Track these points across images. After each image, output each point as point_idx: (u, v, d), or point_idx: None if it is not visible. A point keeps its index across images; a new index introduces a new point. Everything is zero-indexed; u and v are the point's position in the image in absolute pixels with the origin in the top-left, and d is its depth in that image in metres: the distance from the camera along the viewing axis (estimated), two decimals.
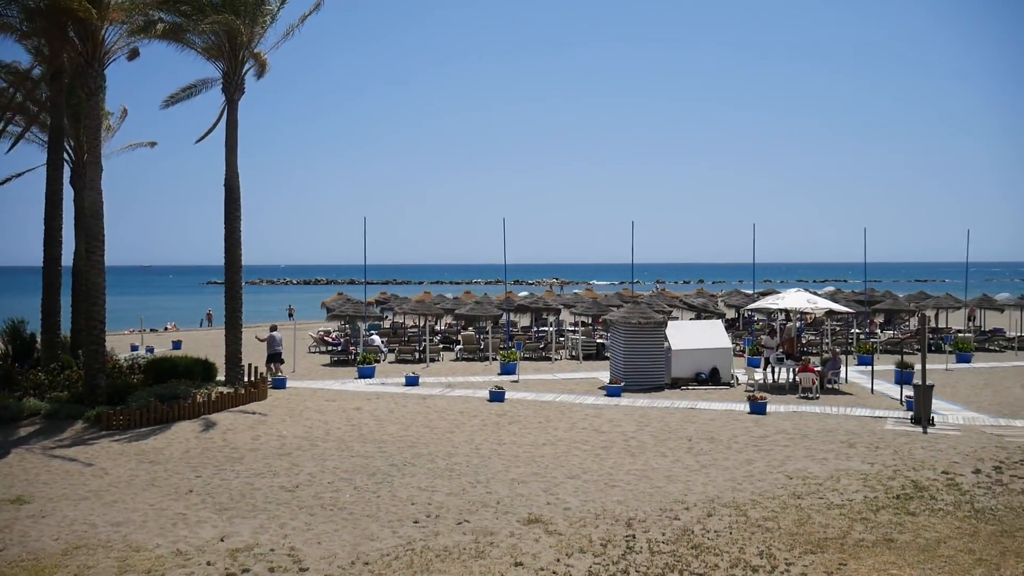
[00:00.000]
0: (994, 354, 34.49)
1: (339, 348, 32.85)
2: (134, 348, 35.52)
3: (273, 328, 27.36)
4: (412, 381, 24.99)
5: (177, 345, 38.04)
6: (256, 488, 13.40)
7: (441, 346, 33.91)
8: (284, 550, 10.40)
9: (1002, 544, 10.44)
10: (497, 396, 21.93)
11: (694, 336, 25.92)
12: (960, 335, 36.62)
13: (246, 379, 23.12)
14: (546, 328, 38.72)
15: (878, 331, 40.24)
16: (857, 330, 37.50)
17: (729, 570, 9.62)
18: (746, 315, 41.54)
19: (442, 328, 41.06)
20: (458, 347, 33.13)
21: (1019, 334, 37.23)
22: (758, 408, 20.23)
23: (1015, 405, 21.40)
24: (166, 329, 52.37)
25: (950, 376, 26.93)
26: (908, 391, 20.67)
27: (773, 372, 25.97)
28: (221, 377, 23.02)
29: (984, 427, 18.45)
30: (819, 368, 24.49)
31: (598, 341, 33.15)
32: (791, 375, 24.79)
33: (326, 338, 35.74)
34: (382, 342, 33.40)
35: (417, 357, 32.06)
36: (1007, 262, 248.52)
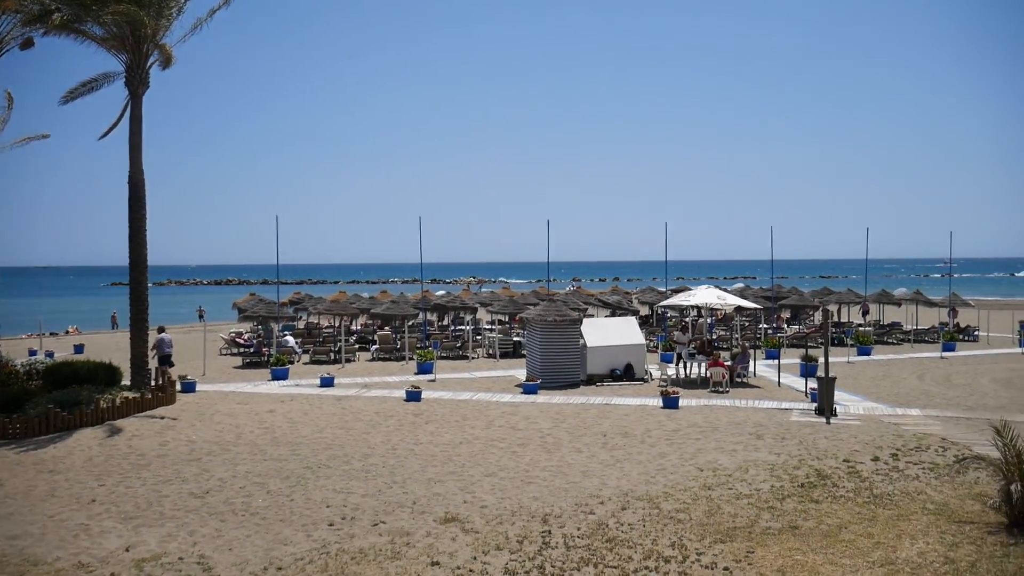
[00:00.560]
0: (892, 346, 36.10)
1: (251, 350, 32.12)
2: (32, 353, 33.98)
3: (161, 330, 25.78)
4: (327, 382, 24.64)
5: (79, 349, 36.54)
6: (164, 495, 12.99)
7: (357, 346, 33.58)
8: (193, 558, 10.12)
9: (898, 527, 10.94)
10: (414, 396, 21.83)
11: (609, 333, 26.32)
12: (861, 329, 38.18)
13: (153, 383, 22.36)
14: (463, 327, 38.73)
15: (785, 326, 41.59)
16: (765, 325, 38.70)
17: (642, 562, 9.81)
18: (659, 312, 42.37)
19: (358, 328, 40.63)
20: (374, 347, 32.82)
21: (915, 327, 39.04)
22: (671, 403, 20.67)
23: (911, 395, 22.44)
24: (67, 332, 50.24)
25: (852, 368, 28.04)
26: (812, 383, 21.45)
27: (685, 367, 26.57)
28: (127, 381, 22.22)
29: (883, 416, 19.29)
30: (729, 363, 25.17)
31: (515, 339, 33.31)
32: (702, 370, 25.41)
33: (238, 340, 34.90)
34: (296, 343, 32.82)
35: (332, 358, 31.63)
36: (905, 259, 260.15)
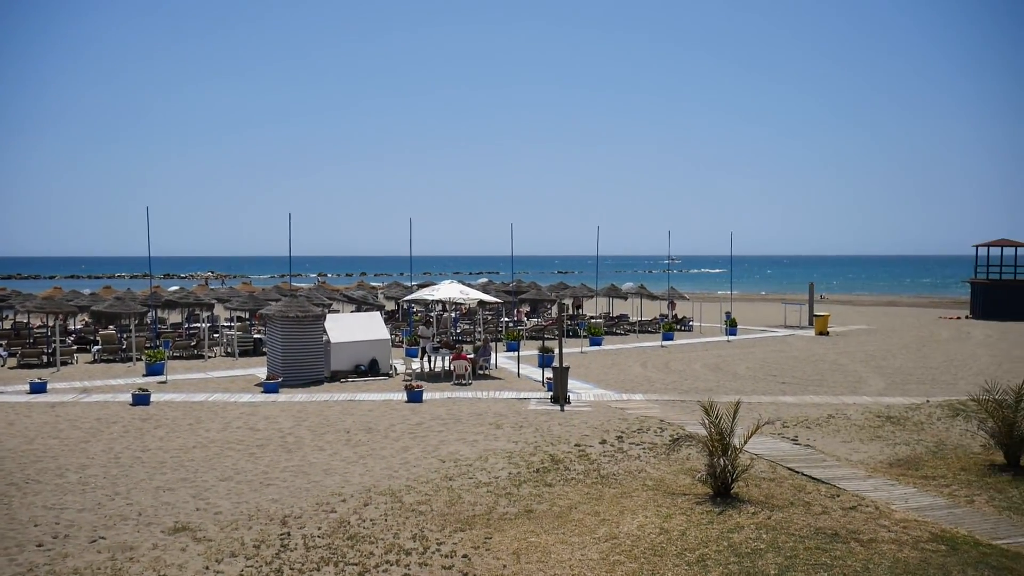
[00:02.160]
0: (620, 337, 38.96)
1: None
2: None
3: None
4: (38, 388, 22.19)
5: None
6: None
7: (76, 347, 30.57)
8: None
9: (621, 504, 11.82)
10: (141, 399, 20.27)
11: (353, 328, 26.06)
12: (593, 321, 40.78)
13: None
14: (199, 325, 36.57)
15: (525, 319, 43.46)
16: (506, 319, 40.17)
17: (384, 556, 9.81)
18: (405, 306, 42.61)
19: (77, 328, 37.02)
20: (96, 348, 30.06)
21: (639, 319, 42.36)
22: (415, 396, 20.86)
23: (635, 381, 24.34)
24: None
25: (584, 358, 29.88)
26: (549, 373, 22.58)
27: (430, 361, 26.94)
28: None
29: (611, 402, 20.74)
30: (472, 356, 25.85)
31: (255, 336, 32.01)
32: (446, 363, 25.89)
33: None
34: (1, 345, 29.27)
35: (45, 360, 28.56)
36: (635, 255, 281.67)
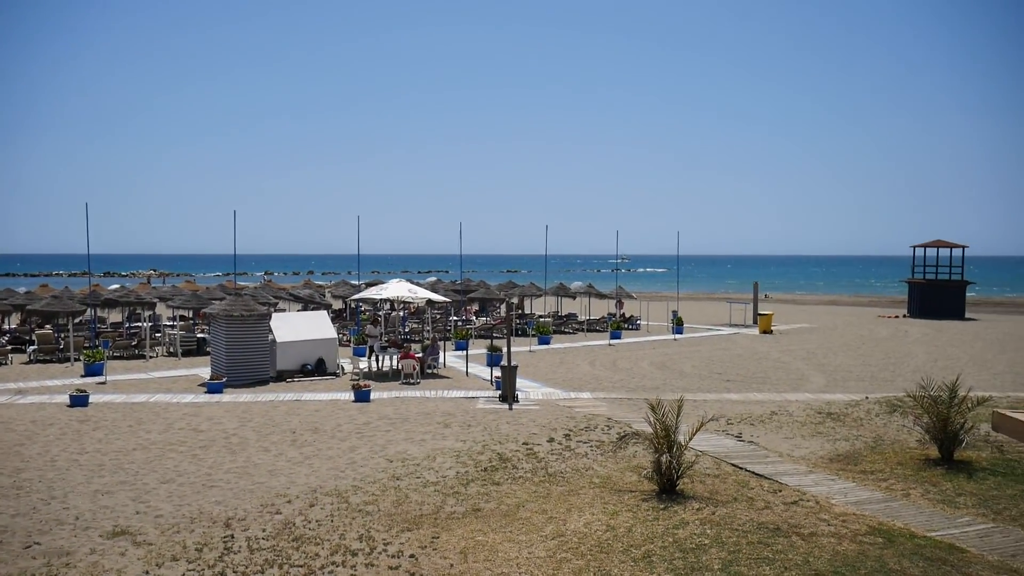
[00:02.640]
0: (569, 335, 39.16)
1: None
2: None
3: None
4: None
5: None
6: None
7: (10, 348, 29.66)
8: None
9: (569, 502, 11.88)
10: (80, 400, 19.75)
11: (300, 327, 25.75)
12: (541, 320, 40.93)
13: None
14: (140, 324, 35.77)
15: (473, 318, 43.42)
16: (455, 318, 40.08)
17: (329, 557, 9.71)
18: (352, 305, 42.25)
19: (11, 327, 35.92)
20: (32, 348, 29.22)
21: (588, 317, 42.63)
22: (362, 396, 20.69)
23: (583, 380, 24.49)
24: None
25: (533, 357, 29.96)
26: (497, 372, 22.60)
27: (378, 360, 26.76)
28: None
29: (559, 400, 20.83)
30: (420, 355, 25.74)
31: (199, 336, 31.43)
32: (394, 362, 25.74)
33: None
34: None
35: None
36: (585, 255, 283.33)
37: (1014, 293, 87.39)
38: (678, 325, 40.10)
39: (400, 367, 24.53)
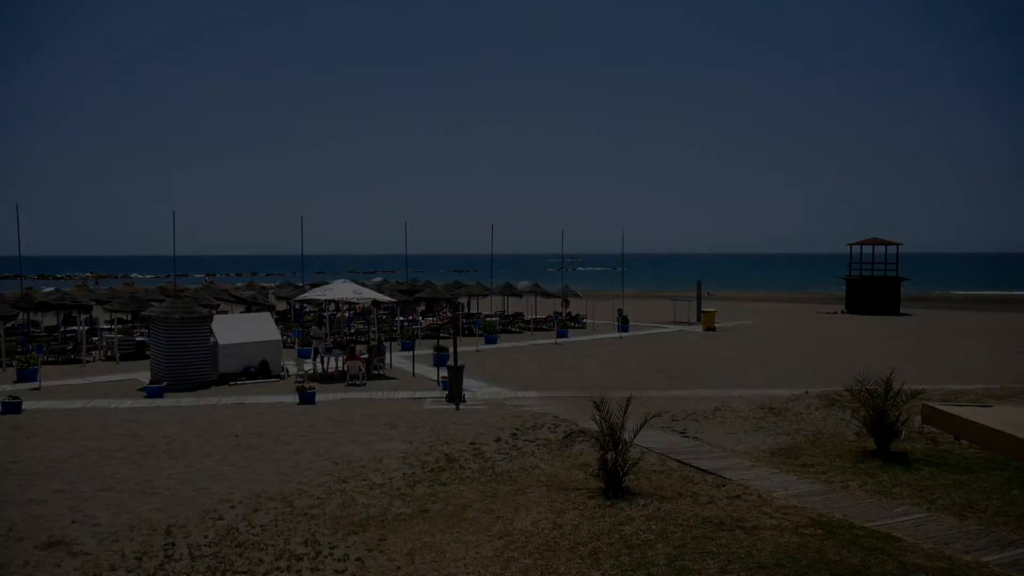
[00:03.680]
0: (515, 334, 39.22)
1: None
2: None
3: None
4: None
5: None
6: None
7: None
8: None
9: (516, 501, 11.90)
10: (12, 407, 19.15)
11: (242, 329, 25.37)
12: (488, 319, 40.93)
13: None
14: (76, 327, 34.82)
15: (420, 318, 43.22)
16: (401, 318, 39.86)
17: (274, 563, 9.57)
18: (297, 307, 41.75)
19: None
20: None
21: (535, 316, 42.77)
22: (307, 398, 20.46)
23: (530, 378, 24.56)
24: None
25: (479, 356, 29.94)
26: (444, 372, 22.53)
27: (323, 362, 26.48)
28: None
29: (506, 400, 20.86)
30: (366, 356, 25.55)
31: (138, 339, 30.74)
32: (339, 364, 25.49)
33: None
34: None
35: None
36: (531, 254, 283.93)
37: (945, 289, 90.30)
38: (624, 323, 40.47)
39: (346, 368, 24.30)
